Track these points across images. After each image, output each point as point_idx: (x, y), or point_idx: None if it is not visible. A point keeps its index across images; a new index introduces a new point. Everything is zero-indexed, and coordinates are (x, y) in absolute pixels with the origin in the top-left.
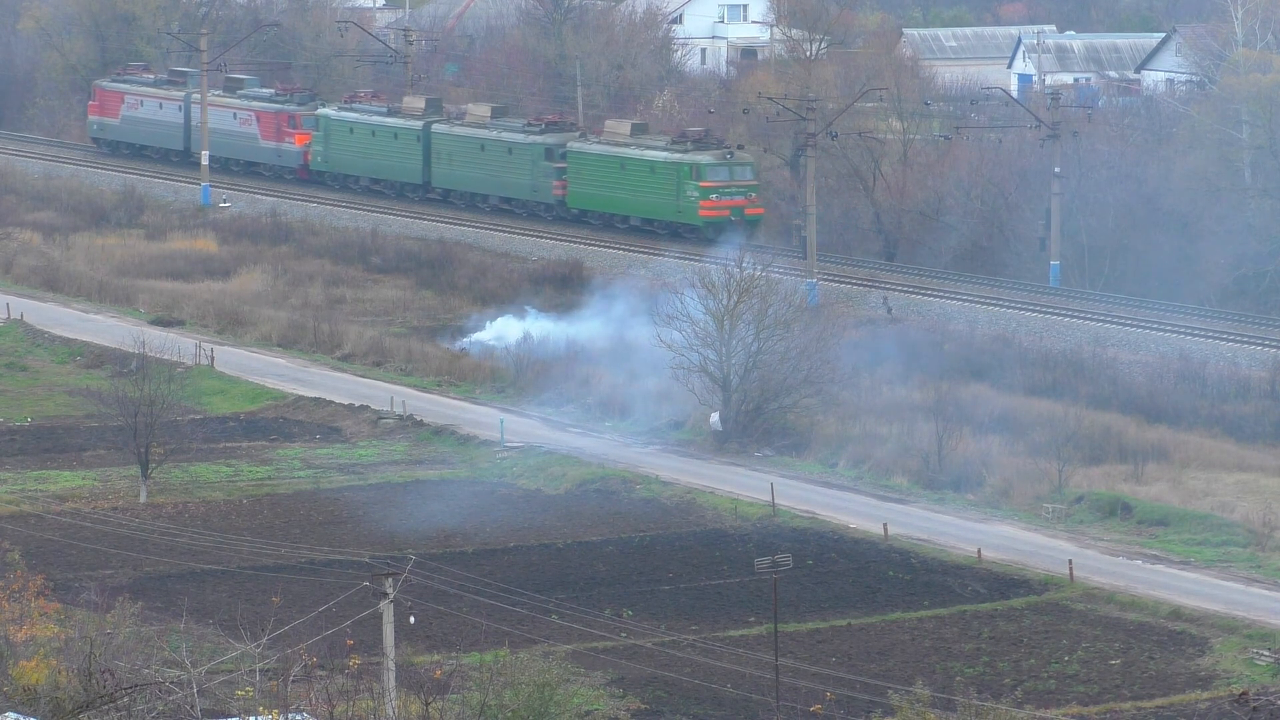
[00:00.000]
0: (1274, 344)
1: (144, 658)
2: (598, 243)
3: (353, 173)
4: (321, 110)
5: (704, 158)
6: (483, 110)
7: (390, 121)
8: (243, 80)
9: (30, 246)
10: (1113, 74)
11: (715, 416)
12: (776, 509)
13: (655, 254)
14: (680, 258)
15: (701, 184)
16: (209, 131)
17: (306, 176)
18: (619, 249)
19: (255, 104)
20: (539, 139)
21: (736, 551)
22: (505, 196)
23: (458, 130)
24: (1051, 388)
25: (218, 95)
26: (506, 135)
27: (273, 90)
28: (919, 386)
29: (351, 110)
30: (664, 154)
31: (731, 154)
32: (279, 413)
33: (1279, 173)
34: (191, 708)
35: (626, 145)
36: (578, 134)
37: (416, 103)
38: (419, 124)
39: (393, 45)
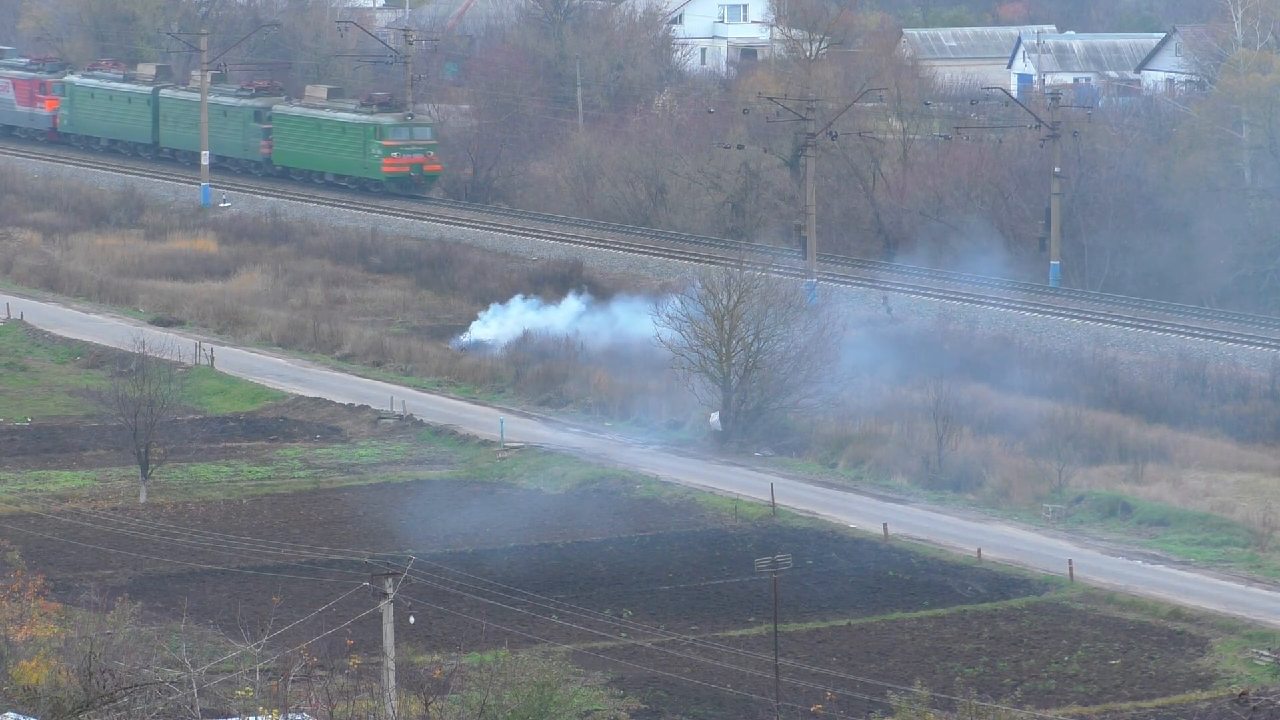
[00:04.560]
0: (1274, 344)
1: (144, 658)
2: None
3: (94, 134)
4: (68, 78)
5: (386, 119)
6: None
7: (125, 87)
8: (3, 51)
9: (30, 246)
10: (1113, 74)
11: (715, 416)
12: (776, 509)
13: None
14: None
15: (384, 143)
16: None
17: (56, 138)
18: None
19: (11, 72)
20: (249, 102)
21: (736, 551)
22: (220, 155)
23: (181, 95)
24: (1051, 388)
25: None
26: (222, 99)
27: (27, 60)
28: (919, 386)
29: (94, 77)
30: (353, 116)
31: (412, 116)
32: (279, 413)
33: (1279, 172)
34: (191, 708)
35: (322, 108)
36: (283, 98)
37: (148, 69)
38: (149, 89)
39: (392, 45)
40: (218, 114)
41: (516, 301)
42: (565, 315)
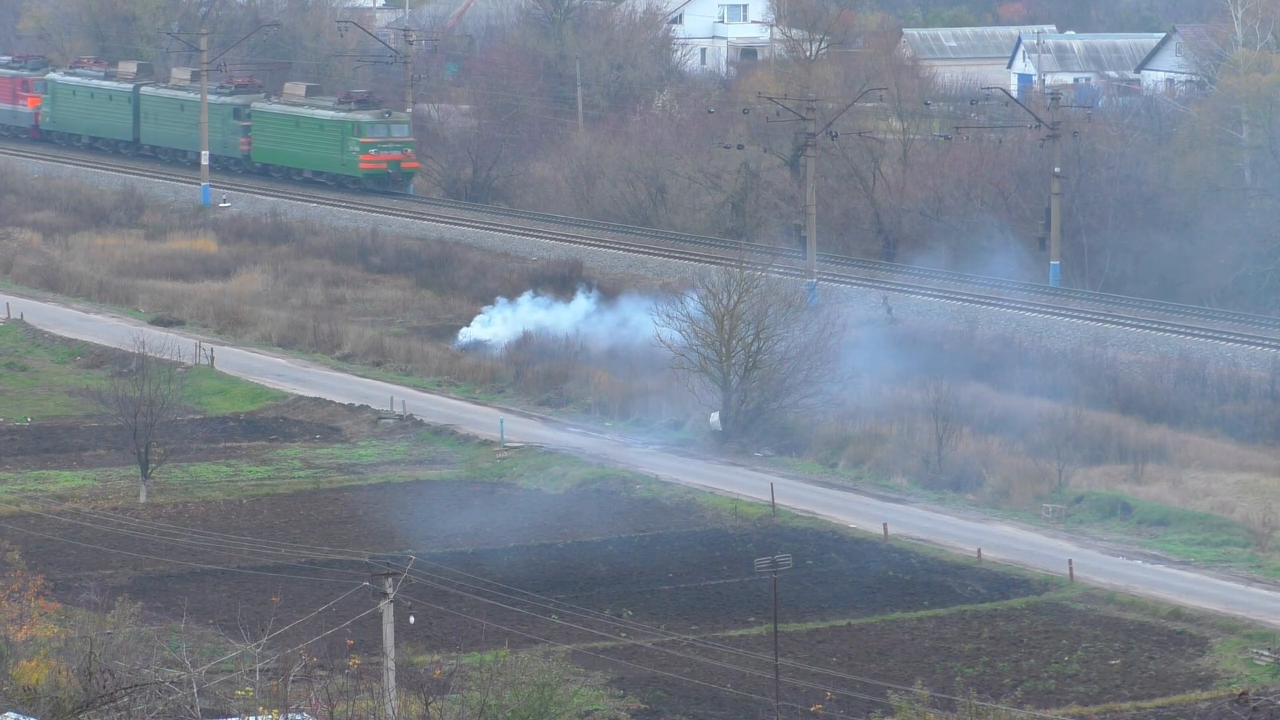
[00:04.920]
0: (1274, 344)
1: (144, 658)
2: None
3: (76, 131)
4: (50, 75)
5: (364, 116)
6: (184, 74)
7: (106, 84)
8: None
9: (30, 246)
10: (1113, 74)
11: (715, 416)
12: (776, 509)
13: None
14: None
15: (362, 140)
16: None
17: (38, 135)
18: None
19: None
20: (228, 99)
21: (736, 551)
22: (200, 152)
23: (162, 92)
24: (1051, 388)
25: None
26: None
27: (10, 58)
28: (919, 386)
29: (75, 75)
30: (331, 113)
31: (389, 113)
32: (279, 413)
33: (1279, 172)
34: (191, 708)
35: (301, 105)
36: (262, 95)
37: (129, 67)
38: (129, 87)
39: (392, 45)
40: (197, 111)
41: (526, 299)
42: (575, 313)
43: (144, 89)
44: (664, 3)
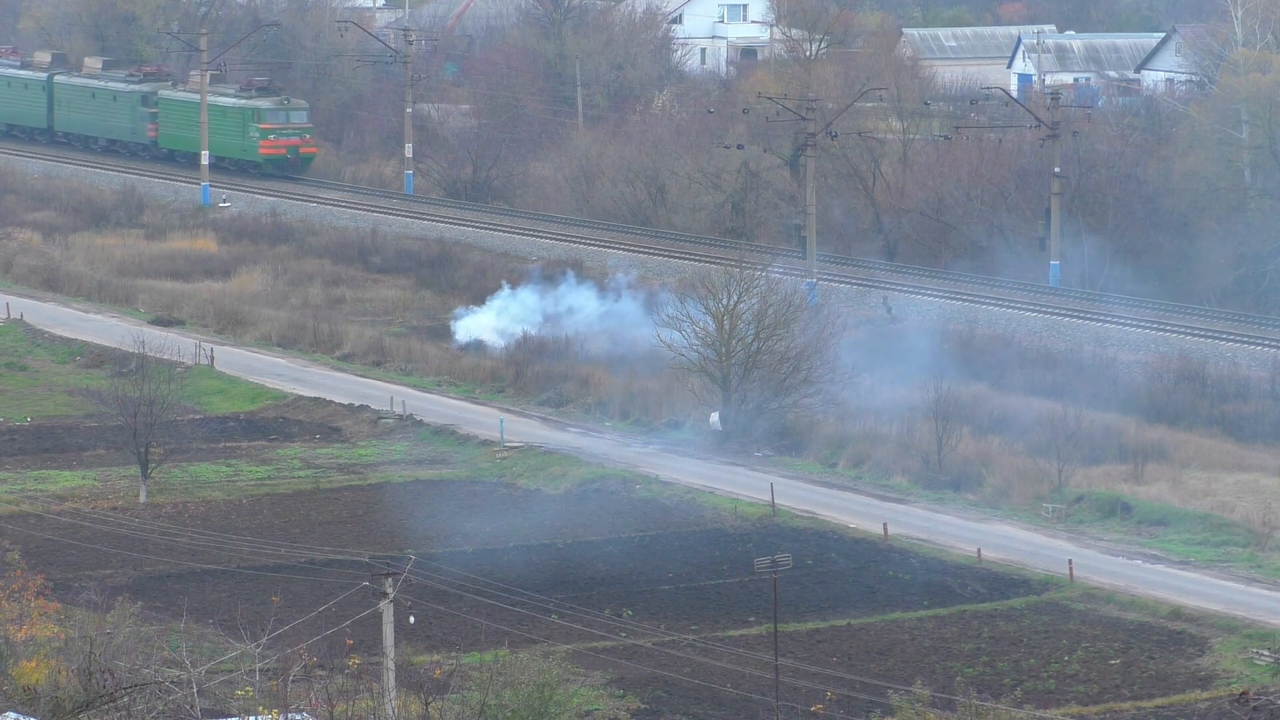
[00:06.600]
0: (1274, 344)
1: (144, 658)
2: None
3: None
4: None
5: (264, 103)
6: (95, 63)
7: (21, 73)
8: None
9: (30, 246)
10: (1113, 74)
11: (715, 416)
12: (776, 509)
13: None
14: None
15: (262, 126)
16: None
17: None
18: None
19: None
20: (136, 87)
21: (736, 551)
22: (111, 138)
23: (75, 80)
24: (1051, 388)
25: None
26: (112, 84)
27: None
28: (919, 386)
29: None
30: (233, 100)
31: (289, 100)
32: (279, 413)
33: (1279, 173)
34: (191, 708)
35: (206, 92)
36: (169, 83)
37: (44, 56)
38: (44, 75)
39: (392, 45)
40: (108, 99)
41: (570, 280)
42: (623, 307)
43: (57, 78)
44: (664, 3)
